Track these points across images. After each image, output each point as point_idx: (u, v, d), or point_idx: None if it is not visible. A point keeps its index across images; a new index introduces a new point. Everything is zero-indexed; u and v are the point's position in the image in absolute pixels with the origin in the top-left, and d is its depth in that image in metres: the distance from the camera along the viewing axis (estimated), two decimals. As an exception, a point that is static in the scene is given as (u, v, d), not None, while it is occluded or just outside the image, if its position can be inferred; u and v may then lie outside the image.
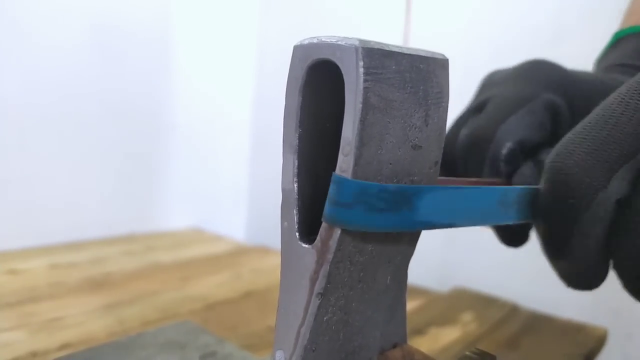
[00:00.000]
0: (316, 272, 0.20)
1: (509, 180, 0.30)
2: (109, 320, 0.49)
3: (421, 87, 0.20)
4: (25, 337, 0.44)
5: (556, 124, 0.31)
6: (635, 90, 0.22)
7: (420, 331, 0.51)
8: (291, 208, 0.22)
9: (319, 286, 0.20)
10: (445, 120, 0.22)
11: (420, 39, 0.75)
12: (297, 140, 0.21)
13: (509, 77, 0.34)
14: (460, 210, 0.22)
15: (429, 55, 0.21)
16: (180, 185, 0.94)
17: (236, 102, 0.90)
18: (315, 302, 0.20)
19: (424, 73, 0.20)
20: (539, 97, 0.31)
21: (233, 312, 0.53)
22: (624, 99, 0.22)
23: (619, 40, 0.37)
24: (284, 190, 0.22)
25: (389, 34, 0.78)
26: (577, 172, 0.22)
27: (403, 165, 0.20)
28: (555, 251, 0.25)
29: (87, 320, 0.48)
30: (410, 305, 0.57)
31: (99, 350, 0.38)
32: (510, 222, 0.24)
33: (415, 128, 0.20)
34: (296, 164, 0.21)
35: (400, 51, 0.19)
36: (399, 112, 0.20)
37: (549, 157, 0.24)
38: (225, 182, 0.92)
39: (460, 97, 0.34)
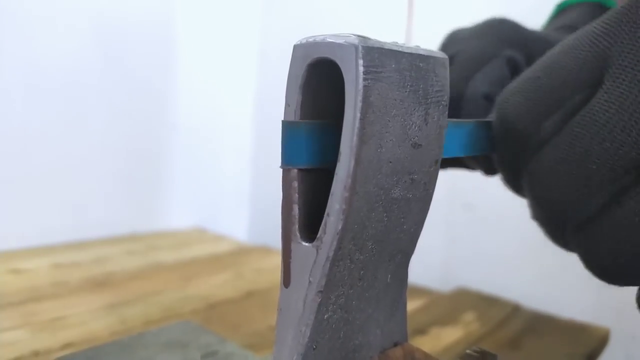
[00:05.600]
0: (316, 270, 0.20)
1: None
2: (111, 319, 0.49)
3: (421, 86, 0.20)
4: (28, 337, 0.44)
5: None
6: (577, 40, 0.23)
7: (422, 331, 0.51)
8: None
9: (319, 284, 0.20)
10: (446, 119, 0.22)
11: (422, 39, 0.75)
12: (297, 139, 0.21)
13: (472, 34, 0.37)
14: None
15: (428, 53, 0.21)
16: (183, 185, 0.94)
17: (238, 102, 0.91)
18: (315, 300, 0.20)
19: (424, 72, 0.20)
20: (500, 54, 0.34)
21: (235, 312, 0.53)
22: (562, 49, 0.23)
23: (563, 9, 0.41)
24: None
25: (392, 34, 0.78)
26: (514, 117, 0.24)
27: (403, 163, 0.20)
28: (512, 185, 0.26)
29: (89, 320, 0.48)
30: (413, 305, 0.57)
31: (101, 350, 0.38)
32: (475, 154, 0.26)
33: (415, 126, 0.20)
34: (296, 162, 0.21)
35: (400, 50, 0.19)
36: (399, 111, 0.20)
37: (498, 97, 0.25)
38: (228, 182, 0.93)
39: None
